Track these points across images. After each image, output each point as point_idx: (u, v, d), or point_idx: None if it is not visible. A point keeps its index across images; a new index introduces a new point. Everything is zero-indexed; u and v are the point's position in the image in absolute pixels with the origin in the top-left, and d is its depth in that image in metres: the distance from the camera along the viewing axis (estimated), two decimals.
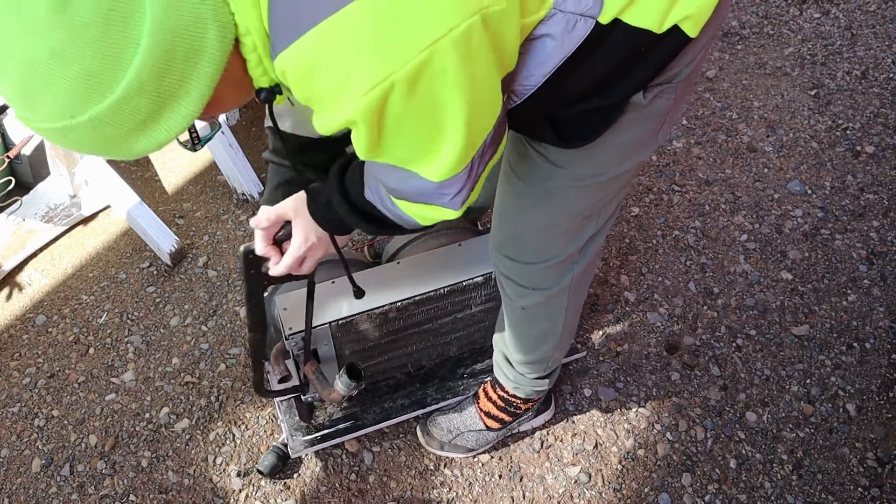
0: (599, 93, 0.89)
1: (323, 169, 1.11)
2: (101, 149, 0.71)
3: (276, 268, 1.09)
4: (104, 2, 0.62)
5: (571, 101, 0.90)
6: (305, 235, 1.05)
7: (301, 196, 1.05)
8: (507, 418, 1.57)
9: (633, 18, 0.81)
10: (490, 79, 0.75)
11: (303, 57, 0.68)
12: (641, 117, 0.97)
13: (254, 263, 1.11)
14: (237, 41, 0.72)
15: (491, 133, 0.80)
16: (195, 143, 0.88)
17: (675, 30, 0.83)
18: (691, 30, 0.84)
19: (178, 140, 0.81)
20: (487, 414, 1.56)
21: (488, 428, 1.58)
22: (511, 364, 1.45)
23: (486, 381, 1.59)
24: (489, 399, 1.56)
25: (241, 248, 1.09)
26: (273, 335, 1.55)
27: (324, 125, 0.74)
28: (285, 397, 1.54)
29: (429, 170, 0.80)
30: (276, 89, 0.80)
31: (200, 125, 0.87)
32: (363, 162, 0.95)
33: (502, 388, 1.52)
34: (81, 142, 0.69)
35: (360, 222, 1.00)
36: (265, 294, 1.30)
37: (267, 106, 0.85)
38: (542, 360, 1.43)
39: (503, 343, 1.44)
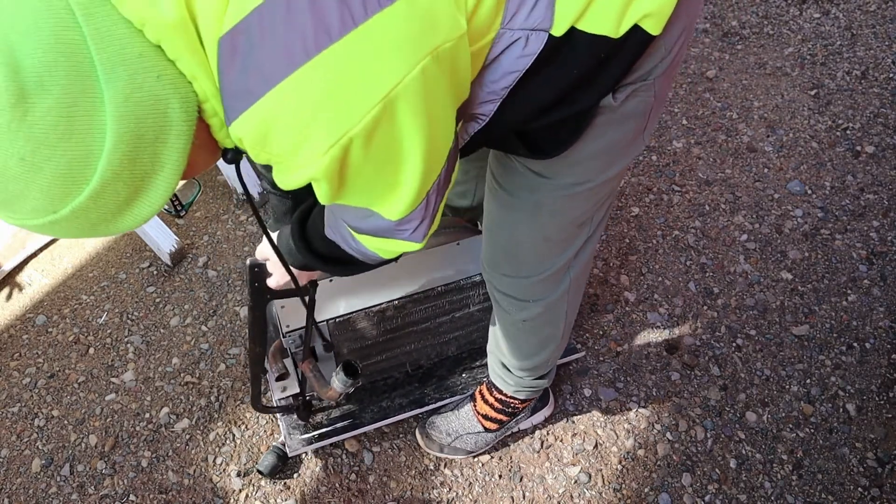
0: (565, 103, 0.88)
1: None
2: (89, 232, 0.72)
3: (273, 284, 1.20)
4: (62, 105, 0.61)
5: (536, 114, 0.89)
6: (281, 272, 1.17)
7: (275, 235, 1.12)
8: (505, 419, 1.57)
9: (588, 26, 0.79)
10: (445, 114, 0.75)
11: (257, 124, 0.67)
12: (618, 119, 0.95)
13: (259, 276, 1.14)
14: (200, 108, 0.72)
15: (445, 166, 0.80)
16: (178, 210, 0.92)
17: (636, 29, 0.81)
18: (654, 27, 0.82)
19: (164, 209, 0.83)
20: (485, 416, 1.56)
21: (486, 430, 1.58)
22: (510, 370, 1.44)
23: (482, 384, 1.59)
24: (486, 402, 1.56)
25: (248, 261, 1.12)
26: (272, 333, 1.55)
27: (285, 183, 0.73)
28: (288, 395, 1.55)
29: (387, 209, 0.80)
30: (240, 150, 0.80)
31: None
32: (324, 206, 0.97)
33: (499, 391, 1.52)
34: (69, 230, 0.70)
35: (321, 265, 1.04)
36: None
37: (234, 167, 0.85)
38: (543, 364, 1.42)
39: (500, 352, 1.43)
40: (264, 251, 1.20)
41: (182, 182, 0.77)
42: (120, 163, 0.65)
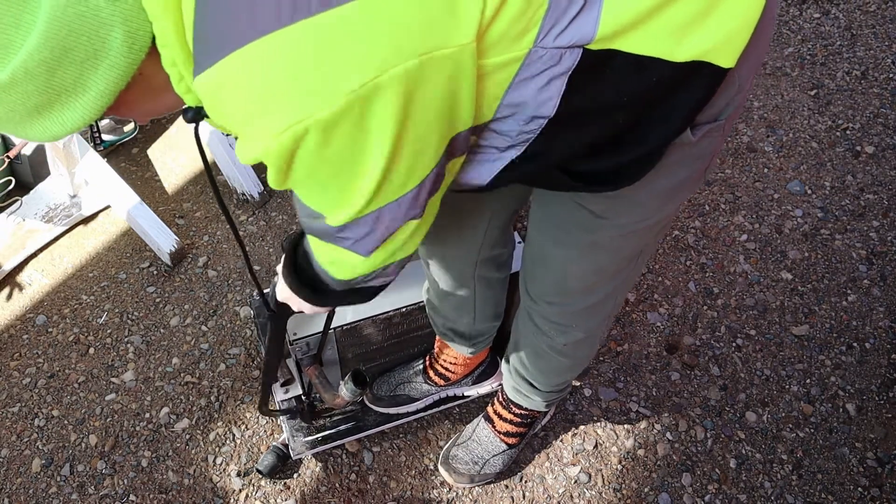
0: (628, 141, 0.79)
1: None
2: None
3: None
4: None
5: (588, 148, 0.80)
6: (285, 292, 1.08)
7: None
8: (525, 430, 1.56)
9: (632, 45, 0.70)
10: (427, 132, 0.66)
11: (215, 83, 0.62)
12: (689, 159, 0.88)
13: None
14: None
15: (413, 191, 0.71)
16: (96, 142, 0.84)
17: (703, 64, 0.72)
18: (725, 60, 0.73)
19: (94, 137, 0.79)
20: (507, 434, 1.54)
21: (510, 446, 1.55)
22: (538, 388, 1.41)
23: (494, 403, 1.57)
24: (504, 420, 1.54)
25: (274, 279, 1.11)
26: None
27: (240, 155, 0.68)
28: (289, 395, 1.55)
29: (332, 216, 0.74)
30: (202, 110, 0.75)
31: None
32: None
33: (519, 407, 1.50)
34: None
35: (307, 294, 0.98)
36: (269, 293, 1.31)
37: (193, 128, 0.80)
38: (572, 378, 1.42)
39: (526, 372, 1.39)
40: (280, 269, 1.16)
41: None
42: (37, 66, 0.62)
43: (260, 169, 2.17)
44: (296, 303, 1.06)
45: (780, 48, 2.60)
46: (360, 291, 0.93)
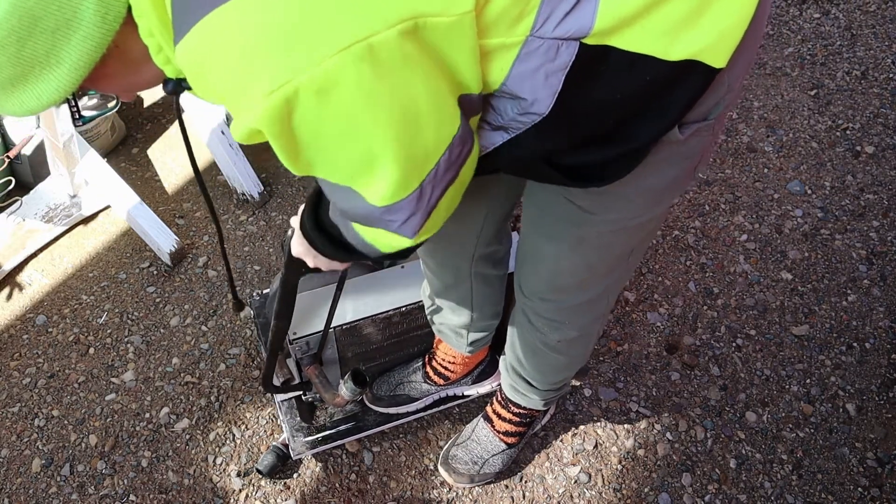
0: (618, 137, 0.79)
1: None
2: None
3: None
4: None
5: (580, 141, 0.80)
6: (300, 247, 1.03)
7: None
8: (524, 430, 1.56)
9: (627, 42, 0.70)
10: (430, 95, 0.65)
11: (197, 47, 0.60)
12: (677, 157, 0.88)
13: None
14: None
15: (444, 156, 0.70)
16: (75, 118, 0.83)
17: (695, 63, 0.72)
18: (716, 59, 0.73)
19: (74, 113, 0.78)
20: (506, 433, 1.54)
21: (509, 445, 1.55)
22: (535, 387, 1.42)
23: (493, 403, 1.57)
24: (503, 419, 1.54)
25: (288, 233, 1.06)
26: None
27: (234, 132, 0.65)
28: (289, 395, 1.54)
29: (369, 192, 0.71)
30: (183, 82, 0.73)
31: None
32: None
33: (518, 406, 1.50)
34: None
35: (330, 248, 0.94)
36: (270, 293, 1.31)
37: (175, 100, 0.78)
38: (570, 376, 1.42)
39: (523, 370, 1.39)
40: (294, 222, 1.09)
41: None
42: (6, 36, 0.62)
43: (260, 169, 2.17)
44: (311, 258, 1.01)
45: (780, 48, 2.60)
46: (397, 254, 0.90)
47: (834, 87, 2.45)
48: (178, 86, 0.74)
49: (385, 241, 0.82)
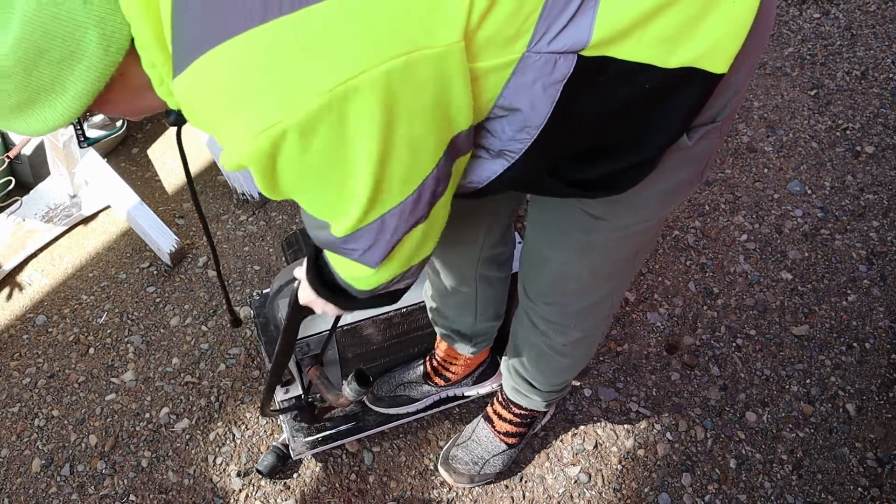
0: (625, 148, 0.79)
1: None
2: None
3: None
4: None
5: (584, 155, 0.79)
6: (306, 297, 1.04)
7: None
8: (525, 430, 1.56)
9: (624, 52, 0.69)
10: (420, 133, 0.65)
11: (189, 84, 0.61)
12: (686, 161, 0.88)
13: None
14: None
15: (412, 196, 0.70)
16: (80, 140, 0.85)
17: (695, 70, 0.72)
18: (716, 66, 0.72)
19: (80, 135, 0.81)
20: (507, 434, 1.54)
21: (510, 446, 1.55)
22: (538, 388, 1.41)
23: (494, 403, 1.56)
24: (504, 420, 1.53)
25: (294, 284, 1.08)
26: (273, 332, 1.55)
27: (223, 162, 0.67)
28: (290, 396, 1.54)
29: (335, 225, 0.73)
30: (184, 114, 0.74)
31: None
32: None
33: (519, 406, 1.50)
34: None
35: (329, 294, 0.94)
36: (270, 293, 1.31)
37: (176, 132, 0.80)
38: (571, 378, 1.42)
39: (525, 371, 1.39)
40: (299, 273, 1.11)
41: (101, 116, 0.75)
42: (14, 66, 0.64)
43: None
44: (319, 306, 1.03)
45: (780, 48, 2.60)
46: (384, 296, 0.91)
47: (834, 87, 2.45)
48: (179, 116, 0.76)
49: (350, 272, 0.83)
